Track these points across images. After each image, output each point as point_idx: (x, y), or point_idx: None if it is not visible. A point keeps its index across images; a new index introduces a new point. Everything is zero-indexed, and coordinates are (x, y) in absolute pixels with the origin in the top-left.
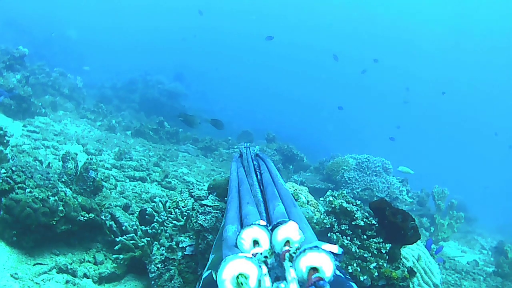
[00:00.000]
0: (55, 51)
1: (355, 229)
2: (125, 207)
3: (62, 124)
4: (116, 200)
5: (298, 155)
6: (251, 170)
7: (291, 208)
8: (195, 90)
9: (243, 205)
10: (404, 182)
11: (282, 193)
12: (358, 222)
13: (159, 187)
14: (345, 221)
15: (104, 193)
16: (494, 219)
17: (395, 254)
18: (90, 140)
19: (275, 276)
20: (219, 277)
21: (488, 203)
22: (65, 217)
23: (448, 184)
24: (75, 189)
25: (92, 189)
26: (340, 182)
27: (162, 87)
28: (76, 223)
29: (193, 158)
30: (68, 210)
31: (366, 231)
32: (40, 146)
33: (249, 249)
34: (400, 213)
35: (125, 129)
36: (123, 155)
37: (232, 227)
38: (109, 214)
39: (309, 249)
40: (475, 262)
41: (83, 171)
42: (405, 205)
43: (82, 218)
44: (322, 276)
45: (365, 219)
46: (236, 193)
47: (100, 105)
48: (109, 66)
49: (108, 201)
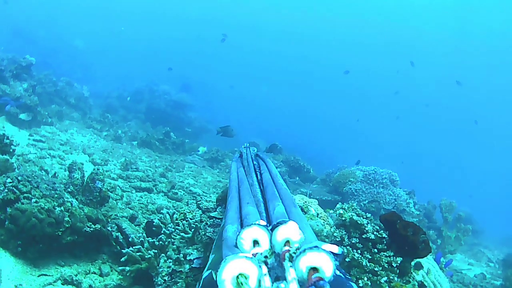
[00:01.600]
0: (62, 61)
1: (366, 242)
2: (131, 218)
3: (68, 133)
4: (122, 211)
5: (304, 167)
6: (251, 170)
7: (291, 208)
8: (201, 100)
9: (243, 205)
10: (411, 194)
11: (282, 193)
12: (369, 235)
13: (166, 198)
14: (355, 234)
15: (110, 204)
16: (499, 231)
17: (405, 268)
18: (96, 150)
19: (275, 276)
20: (219, 277)
21: (493, 215)
22: (71, 227)
23: (453, 195)
24: (82, 200)
25: (98, 200)
26: (347, 194)
27: (169, 98)
28: (82, 234)
29: (199, 169)
30: (74, 221)
31: (377, 245)
32: (46, 155)
33: (249, 249)
34: (411, 226)
35: (131, 140)
36: (129, 165)
37: (232, 227)
38: (115, 225)
39: (309, 249)
40: (482, 275)
41: (90, 181)
42: (412, 217)
43: (88, 229)
44: (322, 276)
45: (375, 232)
46: (236, 193)
47: (107, 115)
48: (116, 76)
49: (114, 211)
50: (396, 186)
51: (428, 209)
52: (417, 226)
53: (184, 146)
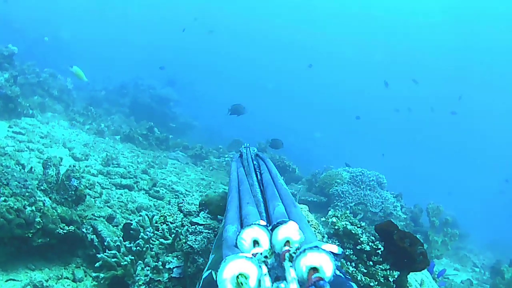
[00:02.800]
0: (47, 51)
1: (360, 253)
2: (109, 218)
3: (49, 126)
4: (100, 210)
5: (290, 166)
6: (251, 170)
7: (291, 208)
8: (187, 96)
9: (243, 205)
10: (399, 198)
11: (282, 193)
12: (364, 246)
13: (147, 196)
14: (349, 245)
15: (87, 202)
16: (484, 235)
17: (402, 281)
18: (77, 144)
19: (275, 276)
20: (219, 277)
21: (476, 218)
22: (42, 229)
23: (439, 199)
24: (56, 198)
25: (74, 199)
26: (333, 196)
27: (154, 92)
28: (54, 236)
29: (183, 166)
30: (46, 222)
31: (372, 256)
32: (24, 148)
33: (249, 249)
34: (408, 237)
35: (114, 134)
36: (110, 161)
37: (232, 227)
38: (90, 227)
39: (309, 249)
40: (469, 282)
41: (65, 179)
42: (399, 221)
43: (61, 231)
44: (322, 276)
45: (370, 243)
46: (236, 193)
47: (90, 108)
48: (101, 68)
49: (91, 210)
50: (383, 189)
51: (414, 213)
52: (414, 236)
53: (167, 141)
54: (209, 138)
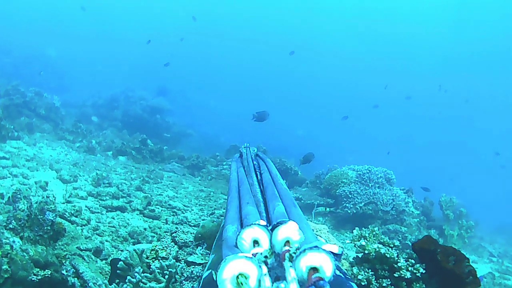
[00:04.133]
0: (35, 71)
1: (399, 282)
2: (96, 251)
3: (36, 147)
4: (87, 241)
5: (292, 169)
6: (251, 170)
7: (291, 208)
8: (180, 105)
9: (243, 205)
10: (409, 193)
11: (282, 193)
12: (403, 273)
13: (141, 216)
14: (384, 272)
15: (72, 233)
16: (491, 220)
17: None
18: (66, 165)
19: (275, 276)
20: (219, 277)
21: (482, 203)
22: (11, 277)
23: (442, 188)
24: (29, 237)
25: (51, 235)
26: (341, 197)
27: (145, 103)
28: (27, 284)
29: (180, 178)
30: (15, 269)
31: (414, 284)
32: (6, 175)
33: (249, 249)
34: (451, 254)
35: (106, 150)
36: (101, 180)
37: (232, 227)
38: (72, 268)
39: (309, 249)
40: (491, 275)
41: (38, 212)
42: (413, 218)
43: (35, 277)
44: (322, 276)
45: (410, 267)
46: (236, 193)
47: (79, 124)
48: (90, 83)
49: (76, 243)
50: (392, 185)
51: (425, 206)
52: (458, 252)
53: (162, 153)
54: (205, 145)
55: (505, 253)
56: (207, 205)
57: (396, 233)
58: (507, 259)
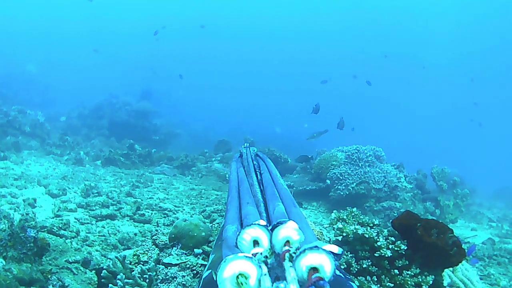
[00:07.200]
0: (18, 88)
1: (380, 261)
2: (84, 262)
3: (24, 165)
4: (77, 252)
5: (281, 157)
6: (251, 170)
7: (291, 208)
8: (166, 106)
9: (243, 205)
10: (401, 168)
11: (282, 193)
12: (383, 251)
13: (131, 222)
14: (364, 253)
15: (61, 247)
16: (488, 185)
17: (437, 284)
18: (54, 179)
19: (275, 276)
20: (219, 277)
21: (475, 169)
22: None
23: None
24: (13, 255)
25: (35, 251)
26: (332, 180)
27: (130, 108)
28: None
29: (170, 179)
30: None
31: (396, 262)
32: None
33: (249, 249)
34: (433, 226)
35: (94, 159)
36: (90, 190)
37: (232, 227)
38: (58, 282)
39: (309, 249)
40: (491, 241)
41: (19, 231)
42: (406, 193)
43: None
44: (322, 276)
45: (391, 245)
46: (236, 193)
47: (66, 137)
48: (73, 95)
49: (65, 256)
50: (382, 162)
51: (419, 180)
52: (441, 223)
53: (151, 156)
54: (195, 143)
55: (504, 217)
56: (199, 203)
57: (391, 209)
58: (506, 223)
